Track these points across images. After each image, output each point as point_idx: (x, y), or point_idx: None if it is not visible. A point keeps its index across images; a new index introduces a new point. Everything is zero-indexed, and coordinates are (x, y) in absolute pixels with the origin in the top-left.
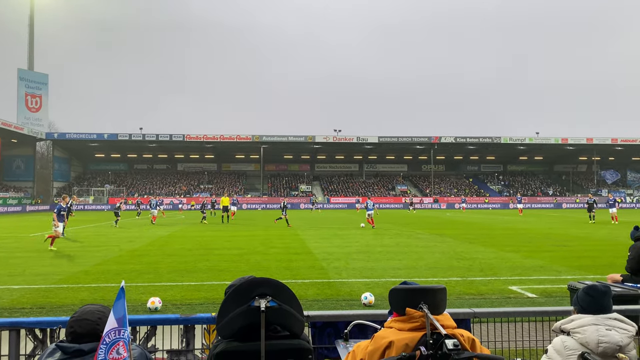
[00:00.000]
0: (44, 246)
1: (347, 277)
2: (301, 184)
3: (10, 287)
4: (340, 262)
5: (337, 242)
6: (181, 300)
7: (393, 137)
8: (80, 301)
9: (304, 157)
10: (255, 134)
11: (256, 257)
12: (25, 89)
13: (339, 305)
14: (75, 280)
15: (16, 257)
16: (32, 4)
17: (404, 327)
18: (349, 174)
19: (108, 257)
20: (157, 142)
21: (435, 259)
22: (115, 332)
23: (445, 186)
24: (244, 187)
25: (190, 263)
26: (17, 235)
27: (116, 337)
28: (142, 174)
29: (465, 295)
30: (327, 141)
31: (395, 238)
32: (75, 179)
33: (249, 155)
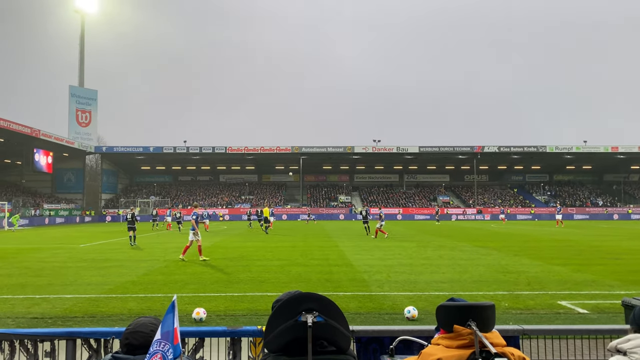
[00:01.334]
0: (93, 256)
1: (389, 290)
2: (340, 194)
3: (63, 297)
4: (382, 275)
5: (378, 254)
6: (225, 311)
7: (434, 146)
8: (129, 311)
9: (343, 167)
10: (295, 145)
11: (297, 269)
12: (76, 105)
13: (381, 319)
14: (123, 290)
15: (68, 267)
16: (83, 24)
17: (452, 345)
18: (388, 184)
19: (154, 267)
20: (200, 155)
21: (480, 272)
22: (157, 343)
23: (489, 197)
24: (284, 198)
25: (232, 274)
26: (68, 246)
27: (156, 349)
28: (186, 185)
29: (512, 310)
30: (366, 151)
31: (438, 250)
32: (123, 190)
33: (288, 166)
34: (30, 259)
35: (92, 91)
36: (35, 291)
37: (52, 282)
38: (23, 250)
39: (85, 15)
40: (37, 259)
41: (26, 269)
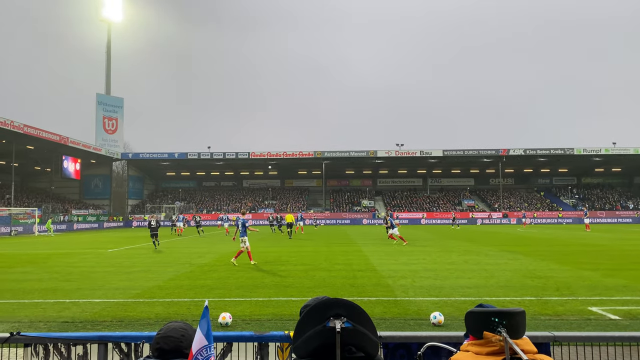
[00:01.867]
0: (120, 261)
1: (414, 295)
2: (363, 199)
3: (92, 301)
4: (407, 280)
5: (403, 259)
6: (250, 315)
7: (458, 150)
8: (156, 315)
9: (366, 172)
10: (317, 150)
11: (321, 274)
12: (103, 112)
13: (407, 325)
14: (150, 295)
15: (96, 272)
16: (109, 33)
17: (482, 352)
18: (412, 188)
19: (180, 272)
20: (223, 160)
21: (507, 277)
22: (205, 349)
23: (515, 200)
24: (307, 203)
25: (257, 279)
26: (96, 251)
27: (207, 354)
28: (210, 191)
29: (540, 316)
30: (389, 156)
31: (463, 255)
32: (148, 196)
33: (311, 171)
34: (59, 264)
35: (118, 99)
36: (66, 295)
37: (81, 287)
38: (53, 255)
39: (111, 24)
40: (66, 263)
41: (56, 273)
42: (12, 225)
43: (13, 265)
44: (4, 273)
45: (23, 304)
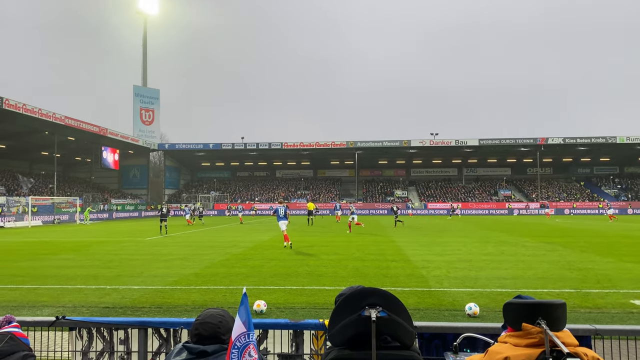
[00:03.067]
0: (157, 249)
1: (448, 286)
2: (396, 189)
3: (132, 288)
4: (441, 271)
5: (437, 250)
6: (284, 303)
7: (495, 139)
8: (192, 302)
9: (399, 162)
10: (350, 140)
11: (354, 263)
12: (140, 104)
13: (441, 315)
14: (187, 282)
15: (135, 260)
16: (145, 25)
17: (520, 343)
18: (447, 178)
19: (216, 260)
20: (257, 151)
21: (545, 269)
22: (245, 335)
23: (554, 190)
24: (339, 193)
25: (290, 267)
26: (135, 239)
27: (246, 340)
28: (244, 180)
29: (580, 308)
30: (423, 145)
31: (499, 246)
32: (184, 186)
33: (343, 161)
34: (100, 252)
35: (155, 90)
36: (106, 282)
37: (121, 274)
38: (94, 243)
39: (147, 17)
40: (106, 251)
41: (97, 260)
42: (55, 213)
43: (56, 253)
44: (48, 260)
45: (66, 290)
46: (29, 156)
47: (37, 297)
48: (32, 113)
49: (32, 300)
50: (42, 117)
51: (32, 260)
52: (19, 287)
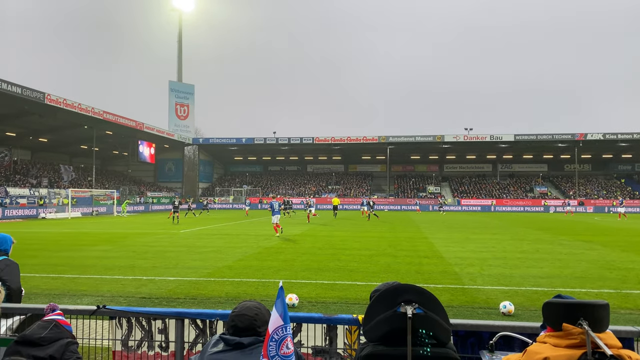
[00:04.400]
0: (192, 241)
1: (482, 284)
2: (429, 185)
3: (167, 279)
4: (475, 268)
5: (470, 247)
6: (316, 298)
7: (531, 134)
8: (226, 294)
9: (432, 157)
10: (382, 135)
11: (386, 259)
12: (175, 99)
13: (474, 313)
14: (220, 275)
15: (170, 252)
16: (180, 22)
17: (561, 344)
18: (481, 174)
19: (248, 253)
20: (288, 145)
21: (583, 268)
22: (281, 329)
23: (592, 188)
24: (371, 188)
25: (322, 262)
26: (170, 232)
27: (283, 333)
28: (276, 175)
29: (620, 309)
30: (457, 140)
31: (534, 244)
32: (218, 180)
33: (375, 156)
34: (136, 243)
35: (190, 85)
36: (143, 273)
37: (157, 265)
38: (130, 235)
39: (182, 13)
40: (142, 243)
41: (133, 252)
42: (94, 206)
43: (95, 244)
44: (87, 250)
45: (105, 280)
46: (69, 150)
47: (77, 286)
48: (72, 108)
49: (73, 289)
50: (82, 111)
51: (72, 251)
52: (60, 276)
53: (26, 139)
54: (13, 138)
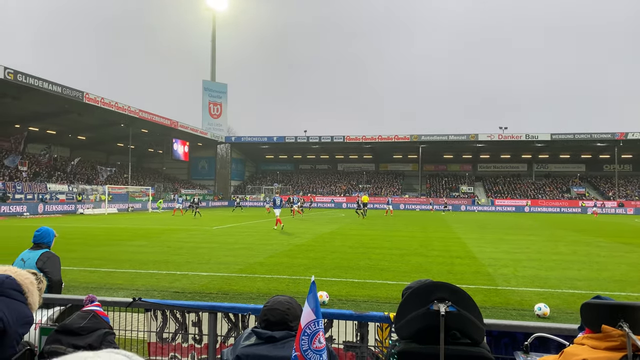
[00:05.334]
0: (224, 238)
1: (516, 285)
2: (462, 184)
3: (200, 274)
4: (509, 269)
5: (504, 248)
6: (346, 295)
7: (568, 133)
8: (257, 290)
9: (466, 156)
10: (414, 134)
11: (417, 259)
12: (209, 98)
13: (508, 315)
14: (251, 271)
15: (203, 247)
16: (214, 21)
17: (600, 346)
18: (515, 174)
19: (279, 250)
20: (319, 144)
21: (622, 271)
22: (314, 323)
23: (633, 189)
24: (402, 187)
25: (352, 260)
26: (202, 228)
27: (315, 328)
28: (306, 173)
29: None
30: (491, 139)
31: (571, 246)
32: (249, 177)
33: (406, 155)
34: (170, 239)
35: (223, 85)
36: (176, 268)
37: (190, 260)
38: (165, 231)
39: (216, 13)
40: (176, 239)
41: (167, 247)
42: (129, 202)
43: (130, 239)
44: (123, 245)
45: (140, 274)
46: (106, 147)
47: (113, 279)
48: (109, 106)
49: (109, 283)
50: (118, 110)
51: (108, 246)
52: (97, 270)
53: (66, 136)
54: (53, 136)
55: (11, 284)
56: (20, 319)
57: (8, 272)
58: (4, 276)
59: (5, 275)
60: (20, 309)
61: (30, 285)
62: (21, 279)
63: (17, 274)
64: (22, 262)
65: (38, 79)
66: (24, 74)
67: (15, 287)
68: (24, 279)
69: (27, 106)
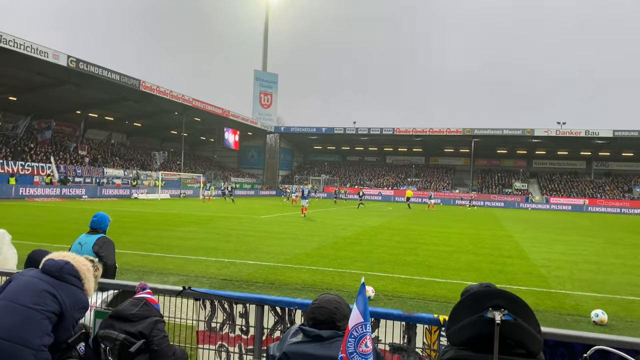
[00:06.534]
0: (271, 227)
1: (571, 288)
2: (516, 180)
3: (247, 262)
4: (564, 272)
5: (559, 249)
6: (392, 292)
7: (632, 130)
8: (303, 281)
9: (520, 152)
10: (466, 127)
11: (467, 257)
12: (260, 88)
13: (562, 320)
14: (297, 261)
15: (250, 236)
16: (267, 12)
17: None
18: (573, 171)
19: (325, 242)
20: (368, 136)
21: None
22: (361, 326)
23: None
24: (452, 182)
25: (399, 255)
26: (251, 217)
27: (363, 331)
28: (354, 165)
29: None
30: (548, 135)
31: (632, 249)
32: (297, 168)
33: (458, 149)
34: (220, 226)
35: (274, 75)
36: (224, 255)
37: (238, 249)
38: (214, 218)
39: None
40: (225, 226)
41: (216, 234)
42: (181, 188)
43: (181, 224)
44: (174, 231)
45: (190, 260)
46: (160, 134)
47: (164, 264)
48: (164, 95)
49: (160, 267)
50: (173, 98)
51: (160, 230)
52: (149, 254)
53: (122, 123)
54: (111, 122)
55: (70, 270)
56: (76, 304)
57: (67, 258)
58: (63, 262)
59: (64, 260)
60: (77, 295)
61: (87, 272)
62: (79, 266)
63: (75, 260)
64: (79, 246)
65: (98, 67)
66: (85, 62)
67: (73, 273)
68: (82, 265)
69: (88, 93)
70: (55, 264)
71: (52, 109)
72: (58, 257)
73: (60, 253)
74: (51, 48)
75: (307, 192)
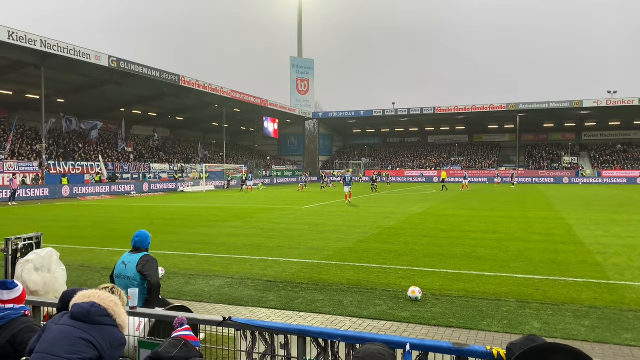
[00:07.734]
0: (313, 219)
1: (631, 279)
2: (565, 155)
3: (291, 260)
4: (622, 258)
5: (616, 231)
6: (440, 290)
7: None
8: (347, 281)
9: (568, 124)
10: (510, 102)
11: (516, 245)
12: (296, 74)
13: (623, 317)
14: (341, 258)
15: (293, 230)
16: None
17: None
18: (627, 142)
19: (368, 234)
20: (408, 116)
21: None
22: None
23: None
24: (498, 159)
25: (445, 247)
26: (293, 207)
27: None
28: (394, 147)
29: None
30: (598, 105)
31: None
32: (337, 153)
33: (503, 125)
34: (263, 220)
35: (310, 60)
36: (268, 253)
37: (281, 245)
38: (258, 211)
39: None
40: (268, 219)
41: (260, 229)
42: (225, 179)
43: (226, 220)
44: (220, 227)
45: (234, 260)
46: (202, 127)
47: (210, 266)
48: (203, 88)
49: (206, 270)
50: (212, 91)
51: (205, 227)
52: (195, 255)
53: (165, 118)
54: (155, 118)
55: (98, 311)
56: (113, 343)
57: (92, 298)
58: (89, 305)
59: (89, 303)
60: (113, 333)
61: (115, 307)
62: (106, 304)
63: (101, 299)
64: (123, 266)
65: (138, 65)
66: (126, 61)
67: (102, 313)
68: (109, 302)
69: (130, 91)
70: (82, 310)
71: (98, 108)
72: (83, 300)
73: (86, 293)
74: (93, 50)
75: (349, 178)
